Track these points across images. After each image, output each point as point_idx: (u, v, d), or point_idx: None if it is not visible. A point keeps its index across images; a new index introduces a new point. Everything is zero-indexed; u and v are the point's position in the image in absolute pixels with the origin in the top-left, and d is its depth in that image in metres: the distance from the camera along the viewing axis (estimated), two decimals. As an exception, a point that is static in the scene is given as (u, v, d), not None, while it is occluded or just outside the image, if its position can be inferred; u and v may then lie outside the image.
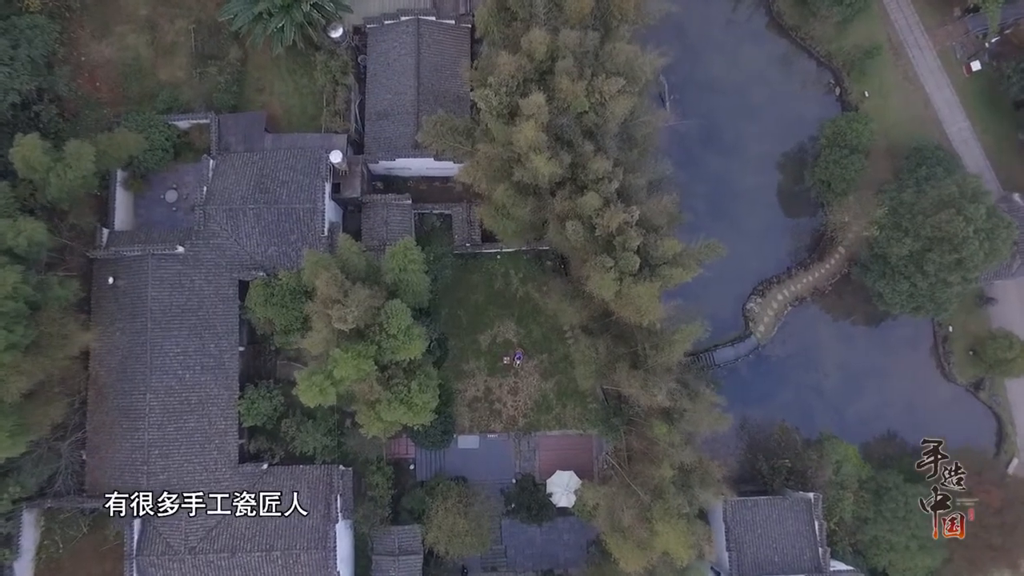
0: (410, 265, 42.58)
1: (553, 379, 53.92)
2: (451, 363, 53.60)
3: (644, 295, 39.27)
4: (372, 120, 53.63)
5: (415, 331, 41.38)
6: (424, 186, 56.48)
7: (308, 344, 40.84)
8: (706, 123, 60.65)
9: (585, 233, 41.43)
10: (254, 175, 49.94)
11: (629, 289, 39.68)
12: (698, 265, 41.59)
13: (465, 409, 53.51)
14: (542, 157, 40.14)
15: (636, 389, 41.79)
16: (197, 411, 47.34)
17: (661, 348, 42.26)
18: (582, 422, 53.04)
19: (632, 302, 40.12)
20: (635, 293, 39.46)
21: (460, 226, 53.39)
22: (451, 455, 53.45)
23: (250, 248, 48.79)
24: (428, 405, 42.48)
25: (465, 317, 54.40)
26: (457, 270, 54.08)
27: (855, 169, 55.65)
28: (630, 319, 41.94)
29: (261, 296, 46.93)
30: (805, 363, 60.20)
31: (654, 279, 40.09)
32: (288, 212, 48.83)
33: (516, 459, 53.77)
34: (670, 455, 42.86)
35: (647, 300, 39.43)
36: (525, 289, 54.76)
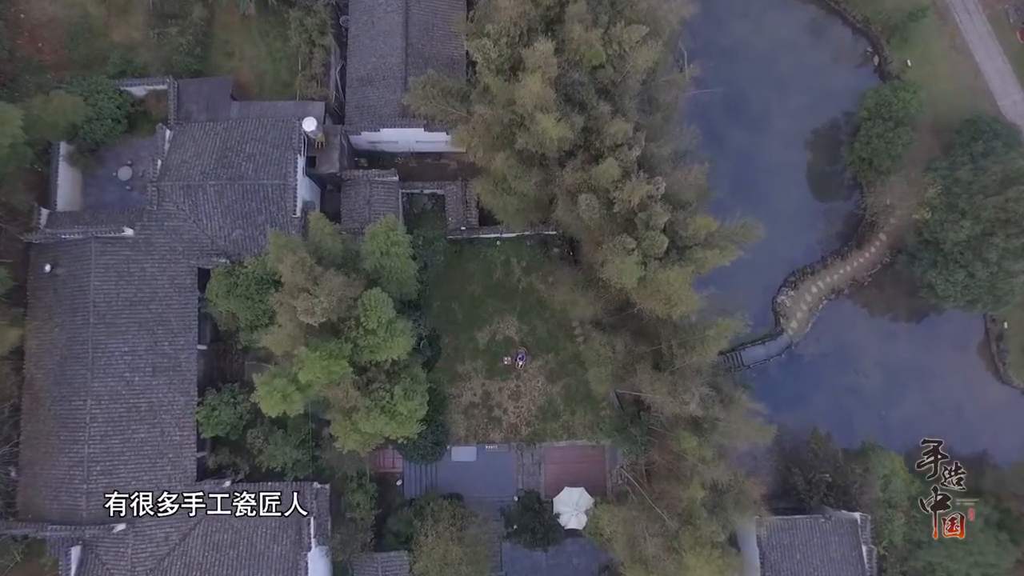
0: (393, 248, 36.00)
1: (560, 382, 47.40)
2: (444, 364, 47.10)
3: (675, 281, 32.75)
4: (354, 87, 47.15)
5: (398, 326, 34.83)
6: (414, 163, 49.98)
7: (269, 341, 34.30)
8: (729, 94, 54.33)
9: (601, 209, 34.91)
10: (217, 147, 43.35)
11: (656, 275, 33.16)
12: (736, 247, 34.98)
13: (460, 417, 46.97)
14: (550, 118, 33.62)
15: (662, 395, 35.24)
16: (147, 420, 40.71)
17: (691, 346, 35.70)
18: (594, 431, 46.46)
19: (659, 290, 33.63)
20: (663, 279, 32.96)
21: (454, 207, 46.81)
22: (444, 469, 46.85)
23: (211, 231, 42.23)
24: (414, 414, 35.93)
25: (460, 311, 47.84)
26: (451, 257, 47.57)
27: (902, 144, 49.29)
28: (655, 311, 35.48)
29: (223, 286, 40.52)
30: (842, 363, 54.02)
31: (685, 263, 33.53)
32: (255, 189, 42.22)
33: (518, 474, 47.19)
34: (700, 473, 36.33)
35: (679, 287, 32.91)
36: (528, 279, 48.23)
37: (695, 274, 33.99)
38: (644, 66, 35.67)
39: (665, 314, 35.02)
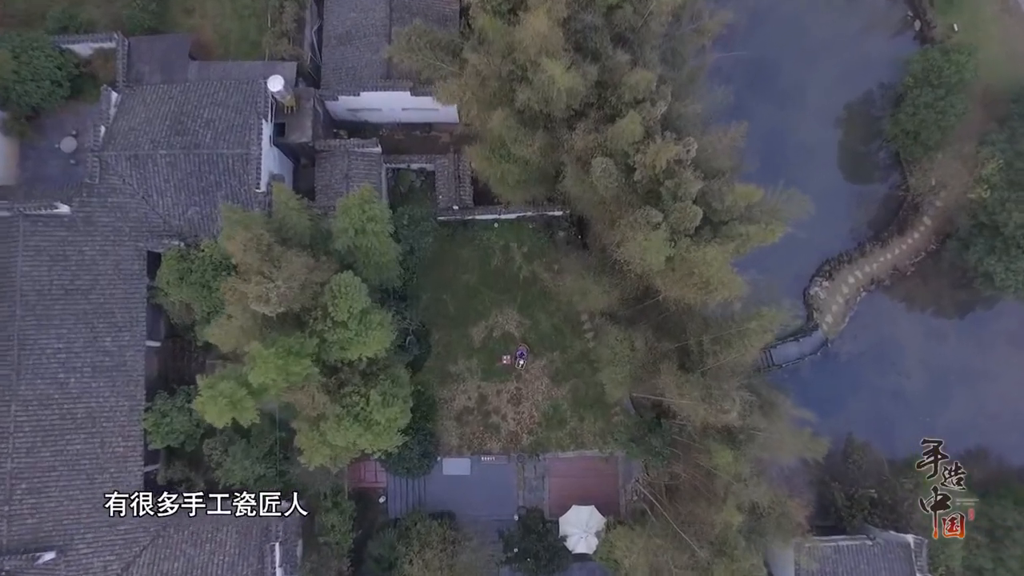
0: (370, 225, 30.07)
1: (567, 384, 41.51)
2: (434, 364, 41.21)
3: (714, 261, 26.81)
4: (331, 46, 41.28)
5: (374, 318, 28.89)
6: (401, 136, 44.08)
7: (214, 335, 28.38)
8: (756, 61, 48.48)
9: (619, 177, 29.02)
10: (171, 112, 37.44)
11: (688, 254, 27.27)
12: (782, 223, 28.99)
13: (452, 424, 41.07)
14: (558, 64, 27.67)
15: (692, 401, 29.27)
16: (85, 429, 34.80)
17: (728, 342, 29.74)
18: (605, 440, 40.57)
19: (692, 273, 27.75)
20: (698, 259, 27.07)
21: (446, 183, 40.84)
22: (434, 484, 40.93)
23: (162, 208, 36.36)
24: (394, 423, 29.98)
25: (452, 304, 41.95)
26: (442, 242, 41.69)
27: (955, 113, 43.41)
28: (684, 300, 29.60)
29: (175, 273, 34.73)
30: (881, 362, 48.12)
31: (723, 240, 27.60)
32: (213, 160, 36.30)
33: (519, 489, 41.27)
34: (736, 493, 30.38)
35: (718, 269, 27.01)
36: (530, 267, 42.32)
37: (736, 254, 28.08)
38: (669, 6, 29.74)
39: (700, 302, 29.15)
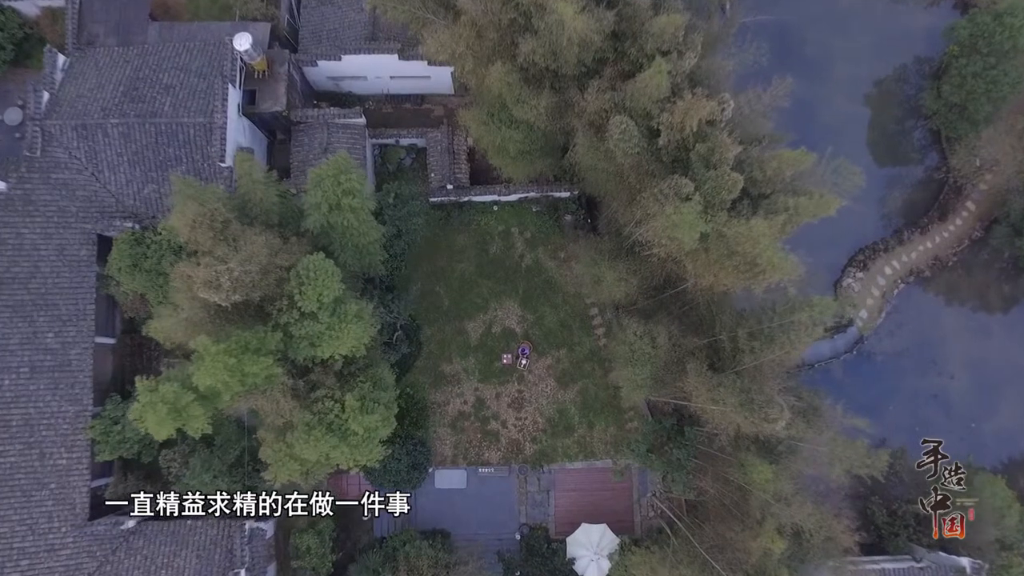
0: (347, 200, 25.47)
1: (575, 386, 37.01)
2: (426, 363, 36.72)
3: (763, 237, 22.22)
4: (311, 6, 36.81)
5: (350, 309, 24.30)
6: (389, 108, 39.57)
7: (154, 329, 23.79)
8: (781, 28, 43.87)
9: (640, 141, 24.41)
10: (126, 77, 32.87)
11: (729, 230, 22.67)
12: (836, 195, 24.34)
13: (447, 431, 36.55)
14: (568, 5, 23.08)
15: (729, 407, 24.63)
16: (21, 438, 30.21)
17: (771, 337, 25.09)
18: (618, 449, 36.08)
19: (732, 253, 23.15)
20: (740, 235, 22.48)
21: (439, 160, 36.28)
22: (425, 499, 36.42)
23: (114, 186, 31.83)
24: (374, 433, 25.37)
25: (446, 296, 37.43)
26: (435, 227, 37.21)
27: (1008, 83, 38.86)
28: (720, 286, 24.98)
29: (128, 259, 30.20)
30: (921, 361, 43.56)
31: (769, 213, 22.97)
32: (173, 130, 31.74)
33: (521, 505, 36.74)
34: (776, 515, 25.79)
35: (767, 247, 22.40)
36: (534, 255, 37.82)
37: (785, 230, 23.48)
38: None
39: (740, 288, 24.55)
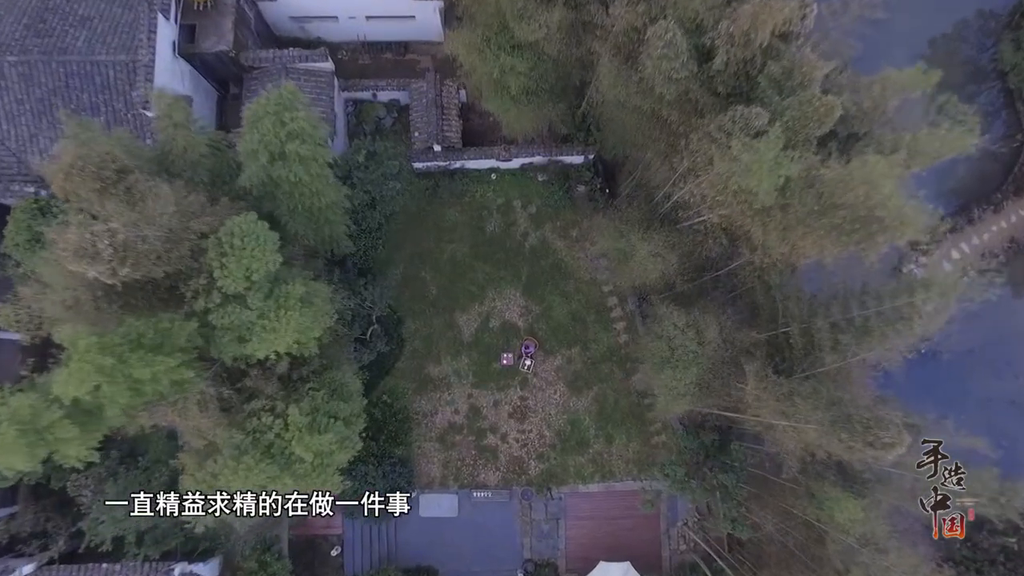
0: (292, 145, 18.83)
1: (589, 392, 30.47)
2: (408, 365, 30.18)
3: (883, 176, 15.65)
4: (269, -70, 30.26)
5: (294, 291, 17.66)
6: (367, 59, 33.04)
7: (4, 319, 17.18)
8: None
9: (689, 62, 17.89)
10: (30, 7, 26.34)
11: (829, 172, 16.06)
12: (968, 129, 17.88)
13: (434, 447, 29.98)
14: None
15: (813, 425, 17.85)
16: None
17: (867, 328, 18.35)
18: (642, 469, 29.55)
19: (831, 207, 16.51)
20: (848, 179, 15.82)
21: (424, 116, 29.68)
22: (408, 530, 29.85)
23: (13, 141, 25.34)
24: (329, 459, 18.63)
25: (435, 282, 30.87)
26: (420, 198, 30.69)
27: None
28: (802, 256, 18.44)
29: (26, 232, 23.78)
30: (995, 362, 37.22)
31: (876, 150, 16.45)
32: (87, 71, 25.25)
33: (525, 536, 30.16)
34: (866, 565, 19.27)
35: (890, 193, 15.81)
36: (540, 233, 31.29)
37: (905, 170, 16.94)
38: None
39: (844, 253, 17.90)
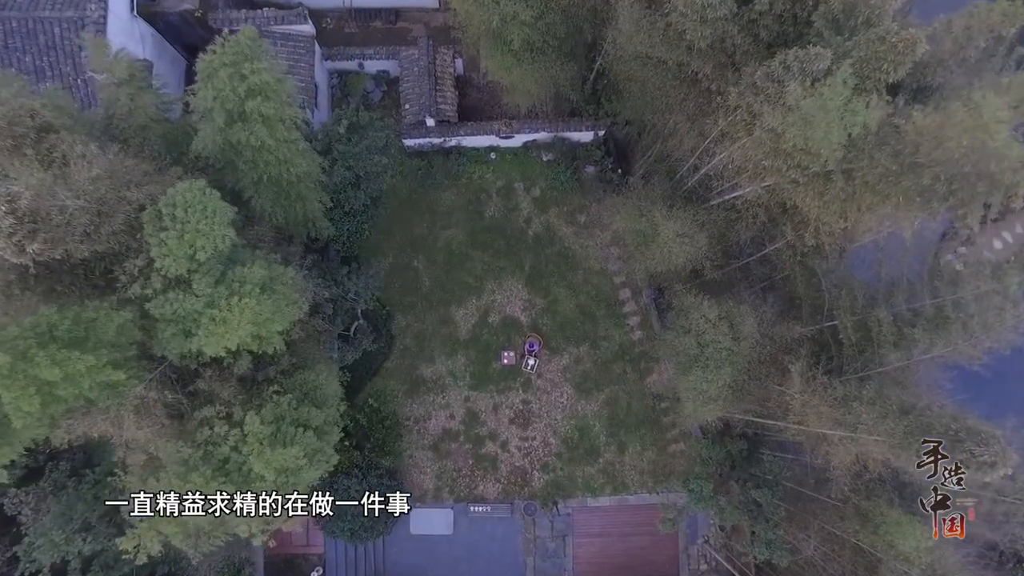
0: (253, 102, 15.76)
1: (599, 395, 27.36)
2: (398, 364, 27.09)
3: (995, 119, 12.51)
4: None
5: (252, 275, 14.59)
6: (354, 27, 29.89)
7: None
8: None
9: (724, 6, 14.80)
10: (-31, -41, 23.36)
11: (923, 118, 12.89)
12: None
13: (426, 456, 26.89)
14: None
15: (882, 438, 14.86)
16: None
17: (937, 322, 15.14)
18: (659, 481, 26.47)
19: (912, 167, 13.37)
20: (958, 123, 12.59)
21: (415, 85, 26.57)
22: (397, 548, 26.77)
23: (-53, 109, 22.20)
24: (295, 477, 15.52)
25: (428, 273, 27.78)
26: (412, 181, 27.60)
27: None
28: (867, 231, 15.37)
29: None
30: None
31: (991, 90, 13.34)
32: (30, 30, 22.18)
33: (528, 555, 27.06)
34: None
35: (1004, 141, 12.72)
36: (545, 219, 28.18)
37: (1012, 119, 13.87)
38: None
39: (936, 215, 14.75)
